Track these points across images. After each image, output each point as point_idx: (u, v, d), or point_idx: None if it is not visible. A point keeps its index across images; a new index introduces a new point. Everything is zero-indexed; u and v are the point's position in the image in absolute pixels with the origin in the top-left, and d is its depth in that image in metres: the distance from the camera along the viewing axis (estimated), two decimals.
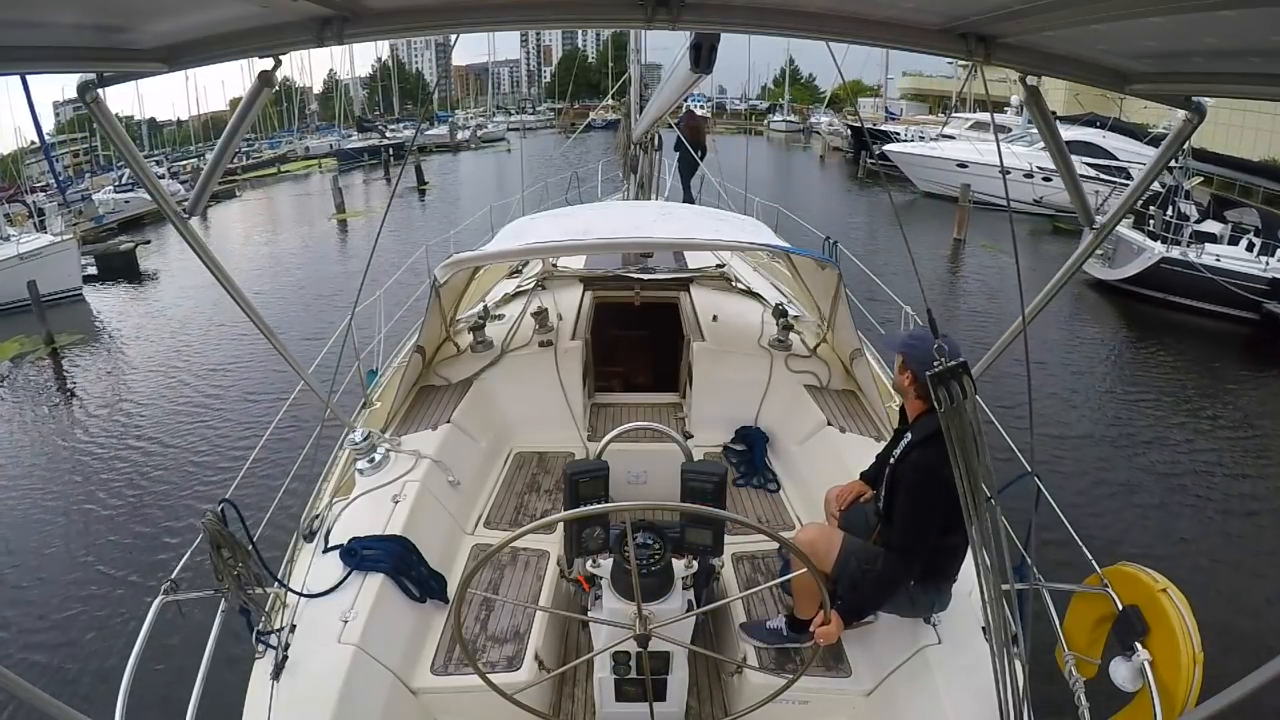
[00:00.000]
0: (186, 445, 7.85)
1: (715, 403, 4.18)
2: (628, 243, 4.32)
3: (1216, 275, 11.26)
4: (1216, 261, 11.44)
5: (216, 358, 10.56)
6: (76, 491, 7.06)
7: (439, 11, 1.60)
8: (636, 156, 7.53)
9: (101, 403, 9.32)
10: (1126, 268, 12.50)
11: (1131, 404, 8.88)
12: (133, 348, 11.65)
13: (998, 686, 1.67)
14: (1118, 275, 12.70)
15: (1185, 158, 13.19)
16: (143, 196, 22.92)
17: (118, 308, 14.43)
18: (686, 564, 2.20)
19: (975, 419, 1.58)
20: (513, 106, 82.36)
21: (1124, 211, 2.14)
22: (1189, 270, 11.54)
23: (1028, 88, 1.79)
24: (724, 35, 2.35)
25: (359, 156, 39.16)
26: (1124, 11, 1.17)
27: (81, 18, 1.38)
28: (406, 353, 4.17)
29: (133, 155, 1.97)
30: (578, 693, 2.68)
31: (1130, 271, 12.37)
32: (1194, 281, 11.51)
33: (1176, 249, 11.82)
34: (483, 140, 48.88)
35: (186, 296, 14.33)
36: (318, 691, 2.10)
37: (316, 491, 3.10)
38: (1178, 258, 11.69)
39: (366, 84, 70.24)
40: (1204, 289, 11.45)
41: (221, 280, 2.33)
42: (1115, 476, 6.99)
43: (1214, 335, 11.23)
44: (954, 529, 1.99)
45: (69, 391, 9.99)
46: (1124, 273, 12.53)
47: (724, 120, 56.86)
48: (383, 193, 29.71)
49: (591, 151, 24.73)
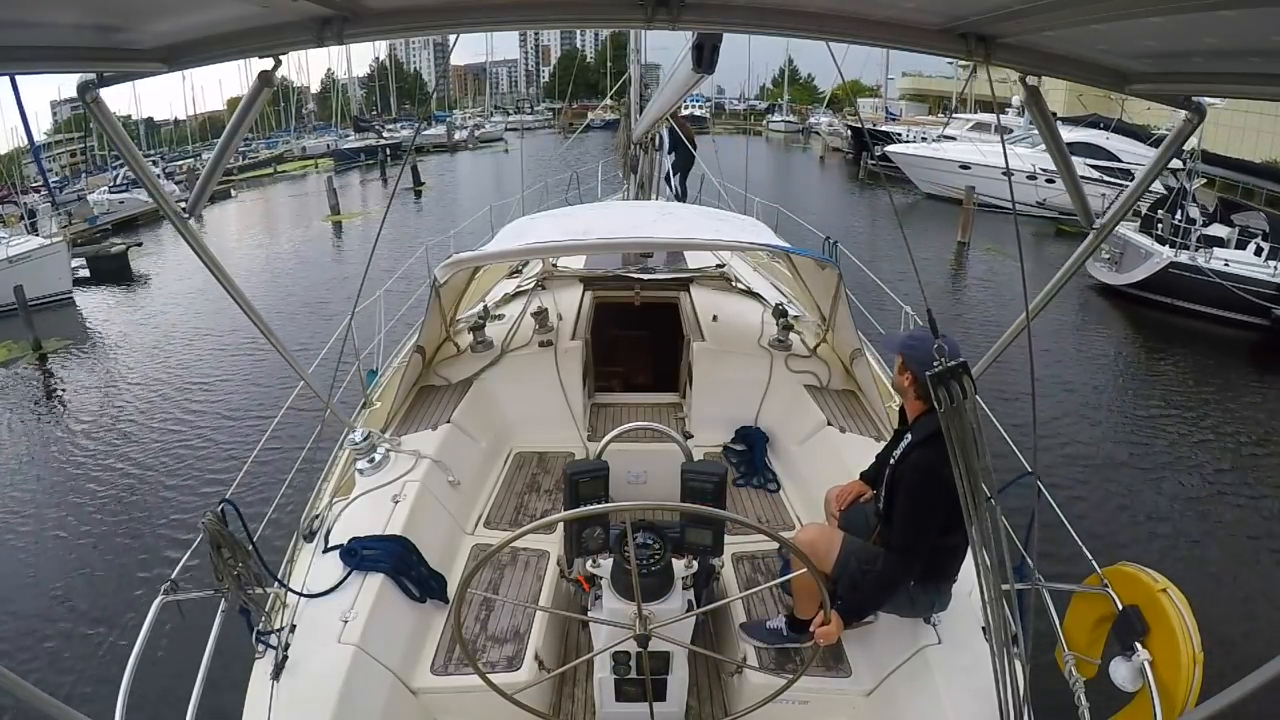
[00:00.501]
0: (186, 446, 7.84)
1: (715, 403, 4.17)
2: (628, 243, 4.32)
3: (1225, 280, 11.13)
4: (1225, 266, 11.31)
5: (215, 359, 10.55)
6: (75, 492, 7.05)
7: (439, 11, 1.60)
8: (636, 156, 7.53)
9: (94, 407, 9.21)
10: (1134, 272, 12.36)
11: (1139, 411, 8.82)
12: (125, 351, 11.50)
13: (998, 686, 1.67)
14: (1125, 280, 12.57)
15: (1194, 160, 13.08)
16: (137, 197, 22.85)
17: (109, 311, 14.24)
18: (686, 564, 2.20)
19: (975, 419, 1.58)
20: (511, 106, 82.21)
21: (1125, 212, 2.13)
22: (1197, 275, 11.39)
23: (1028, 88, 1.79)
24: (725, 35, 2.35)
25: (355, 157, 38.95)
26: (1124, 11, 1.17)
27: (81, 18, 1.38)
28: (406, 353, 4.17)
29: (133, 155, 1.97)
30: (578, 693, 2.68)
31: (1138, 276, 12.24)
32: (1202, 286, 11.37)
33: (1185, 253, 11.67)
34: (480, 140, 48.72)
35: (181, 298, 14.26)
36: (318, 691, 2.10)
37: (316, 491, 3.10)
38: (1186, 262, 11.54)
39: (365, 84, 70.11)
40: (1212, 294, 11.32)
41: (221, 280, 2.32)
42: (1122, 485, 6.94)
43: (1222, 341, 11.12)
44: (954, 529, 1.99)
45: (57, 398, 9.82)
46: (1131, 277, 12.40)
47: (723, 120, 56.80)
48: (378, 193, 29.51)
49: (590, 152, 24.63)
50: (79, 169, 37.01)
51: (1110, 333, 11.74)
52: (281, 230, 22.76)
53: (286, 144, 43.68)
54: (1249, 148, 22.28)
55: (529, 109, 78.89)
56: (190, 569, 2.28)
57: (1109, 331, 11.77)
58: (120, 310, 14.26)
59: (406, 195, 26.51)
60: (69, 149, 42.12)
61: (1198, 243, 11.75)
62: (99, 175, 31.47)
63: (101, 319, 13.61)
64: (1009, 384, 6.75)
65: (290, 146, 43.24)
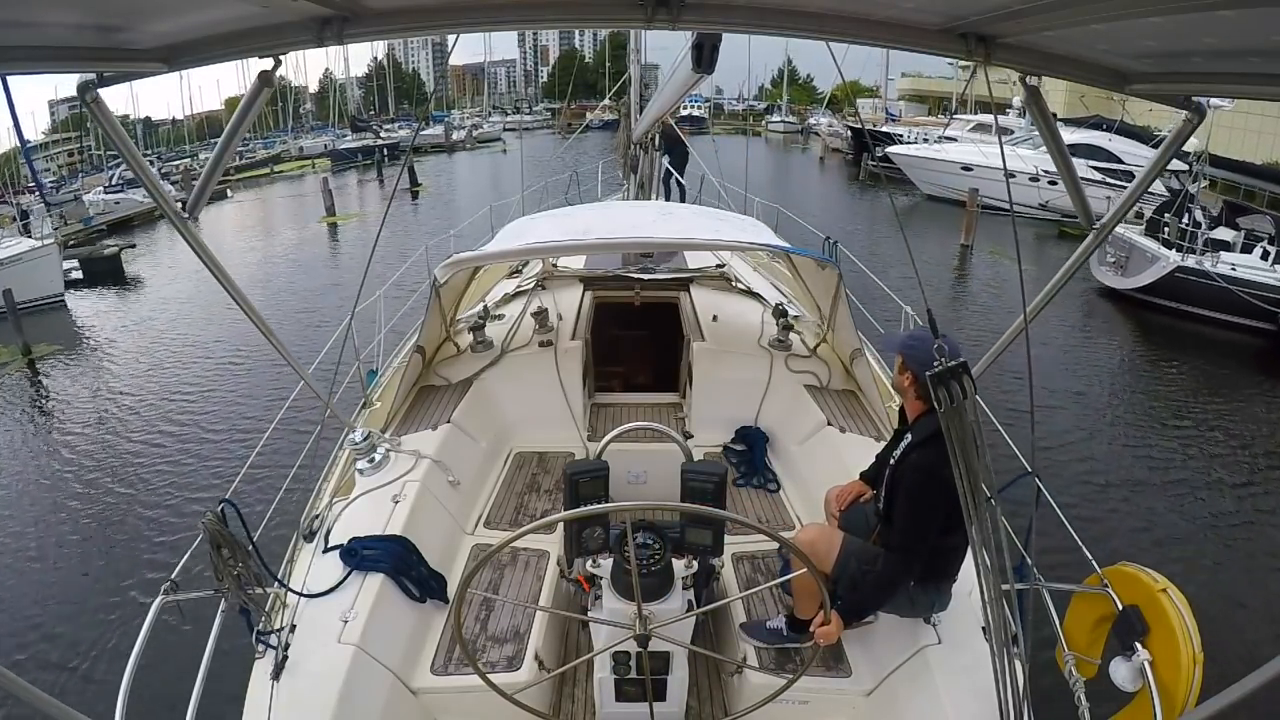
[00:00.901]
0: (186, 446, 7.84)
1: (715, 403, 4.18)
2: (628, 243, 4.32)
3: (1232, 285, 10.96)
4: (1232, 271, 11.13)
5: (214, 358, 10.52)
6: (75, 494, 7.05)
7: (439, 11, 1.60)
8: (636, 156, 7.54)
9: (88, 410, 9.11)
10: (1140, 276, 12.19)
11: (1146, 417, 8.65)
12: (117, 353, 11.36)
13: (998, 686, 1.67)
14: (1131, 284, 12.40)
15: (1201, 163, 12.95)
16: (133, 198, 22.63)
17: (102, 314, 13.92)
18: (686, 564, 2.20)
19: (975, 419, 1.58)
20: (509, 106, 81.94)
21: (1124, 213, 2.14)
22: (1204, 280, 11.20)
23: (1028, 88, 1.79)
24: (724, 35, 2.35)
25: (353, 157, 38.24)
26: (1124, 11, 1.17)
27: (81, 18, 1.38)
28: (406, 353, 4.17)
29: (133, 155, 1.97)
30: (578, 693, 2.68)
31: (1144, 281, 12.07)
32: (1209, 291, 11.20)
33: (1192, 257, 11.45)
34: (478, 141, 48.21)
35: (174, 301, 14.06)
36: (318, 691, 2.10)
37: (316, 491, 3.10)
38: (1193, 266, 11.35)
39: (363, 84, 69.83)
40: (1219, 299, 11.13)
41: (221, 280, 2.32)
42: (1129, 492, 6.82)
43: (1230, 346, 10.95)
44: (954, 529, 1.99)
45: (47, 401, 9.64)
46: (1137, 282, 12.23)
47: (722, 120, 56.63)
48: (375, 194, 29.17)
49: (588, 152, 24.25)
50: (76, 169, 36.69)
51: (1116, 337, 11.55)
52: (277, 232, 22.17)
53: (284, 144, 43.26)
54: (1250, 149, 22.27)
55: (527, 109, 78.77)
56: (190, 569, 2.28)
57: (1114, 336, 11.60)
58: (113, 313, 14.04)
59: (404, 196, 26.31)
60: (66, 149, 41.84)
61: (1204, 246, 11.57)
62: (95, 175, 31.14)
63: (94, 322, 13.38)
64: (1011, 387, 6.76)
65: (288, 147, 42.24)
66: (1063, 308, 11.99)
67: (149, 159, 35.46)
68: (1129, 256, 12.61)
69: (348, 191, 29.74)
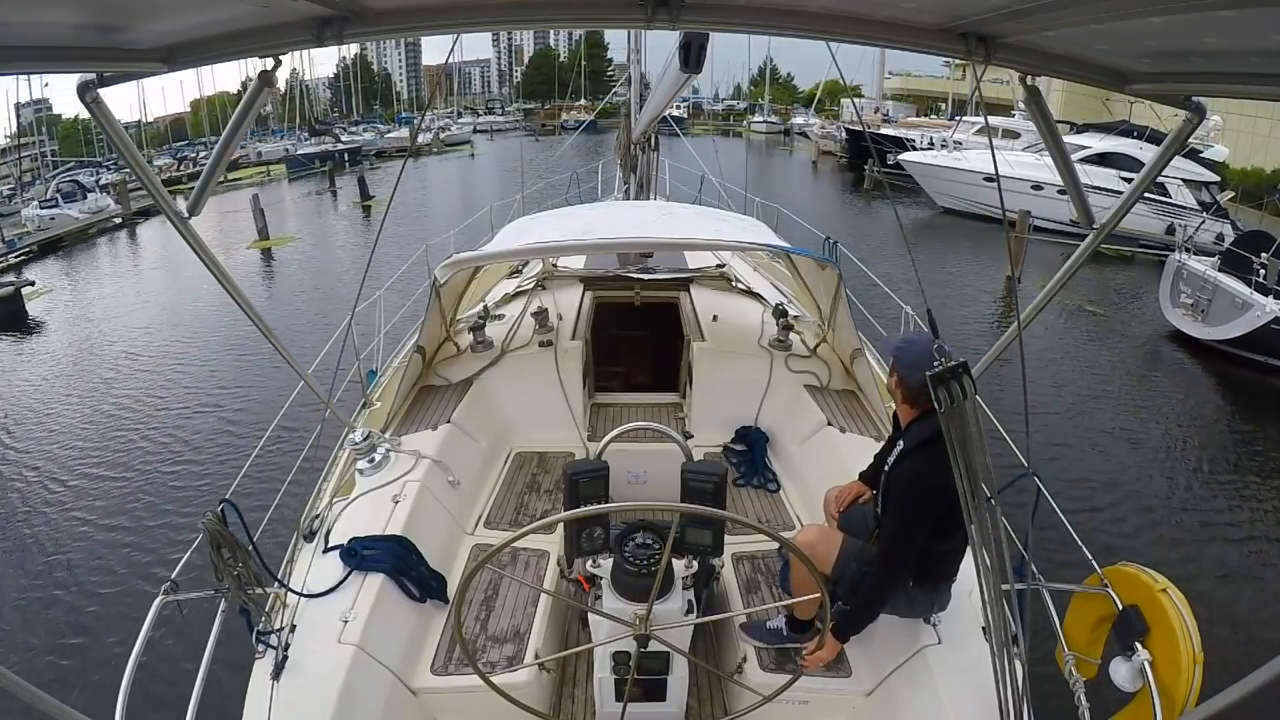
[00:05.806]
0: (186, 446, 7.84)
1: (715, 403, 4.18)
2: (628, 243, 4.32)
3: None
4: None
5: (214, 359, 10.53)
6: (74, 494, 7.05)
7: (439, 11, 1.60)
8: (636, 156, 7.54)
9: (85, 412, 9.13)
10: (1228, 326, 9.95)
11: (1231, 495, 6.86)
12: (109, 354, 11.28)
13: (998, 686, 1.67)
14: (1215, 334, 10.15)
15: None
16: (68, 213, 21.08)
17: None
18: (686, 564, 2.20)
19: (976, 419, 1.58)
20: (481, 107, 79.36)
21: (1124, 213, 2.14)
22: None
23: (1027, 88, 1.79)
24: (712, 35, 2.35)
25: (310, 163, 34.25)
26: (1124, 11, 1.18)
27: (81, 17, 1.38)
28: (406, 353, 4.17)
29: (133, 155, 1.97)
30: (578, 693, 2.68)
31: (1233, 332, 9.84)
32: None
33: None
34: (446, 144, 44.78)
35: (145, 306, 13.22)
36: (318, 691, 2.10)
37: (316, 491, 3.10)
38: None
39: (331, 84, 66.88)
40: None
41: (222, 280, 2.33)
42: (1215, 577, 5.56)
43: None
44: (953, 531, 1.99)
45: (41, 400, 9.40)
46: (1224, 332, 10.00)
47: (701, 120, 55.77)
48: (316, 210, 25.09)
49: (566, 157, 21.05)
50: (37, 174, 31.80)
51: (1191, 398, 9.31)
52: (188, 266, 15.01)
53: (243, 149, 37.54)
54: (1275, 158, 21.78)
55: (500, 109, 76.44)
56: (190, 569, 2.28)
57: (1193, 394, 9.44)
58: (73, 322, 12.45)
59: (354, 213, 23.26)
60: (29, 154, 35.74)
61: None
62: (40, 186, 26.34)
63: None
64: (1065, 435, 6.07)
65: (246, 152, 36.82)
66: (1123, 355, 10.46)
67: (109, 163, 33.25)
68: (1212, 299, 10.35)
69: (289, 207, 25.51)
